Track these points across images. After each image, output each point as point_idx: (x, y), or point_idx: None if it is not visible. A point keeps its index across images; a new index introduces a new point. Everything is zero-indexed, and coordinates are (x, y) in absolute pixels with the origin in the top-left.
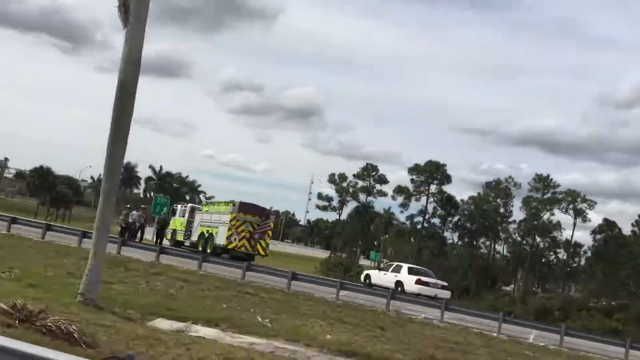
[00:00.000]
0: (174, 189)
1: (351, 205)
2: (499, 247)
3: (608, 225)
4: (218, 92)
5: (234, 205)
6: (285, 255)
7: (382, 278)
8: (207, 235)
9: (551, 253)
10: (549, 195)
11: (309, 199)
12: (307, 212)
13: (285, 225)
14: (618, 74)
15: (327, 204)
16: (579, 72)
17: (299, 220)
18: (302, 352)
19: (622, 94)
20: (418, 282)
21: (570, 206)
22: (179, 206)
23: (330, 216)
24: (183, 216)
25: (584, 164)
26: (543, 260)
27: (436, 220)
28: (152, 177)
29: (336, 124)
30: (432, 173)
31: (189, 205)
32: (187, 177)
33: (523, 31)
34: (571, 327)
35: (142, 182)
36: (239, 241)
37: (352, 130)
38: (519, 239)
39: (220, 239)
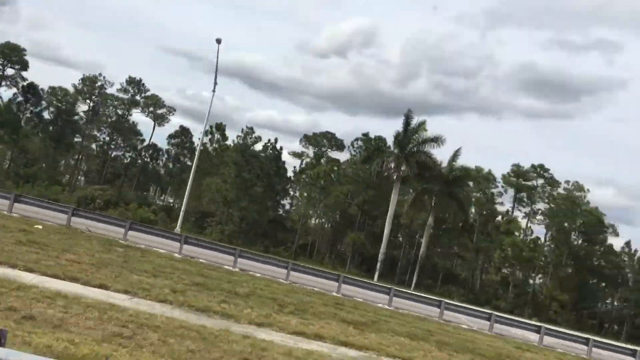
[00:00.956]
0: None
1: None
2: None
3: (183, 131)
4: None
5: None
6: None
7: None
8: None
9: (135, 154)
10: (136, 97)
11: None
12: None
13: None
14: (319, 24)
15: None
16: (289, 16)
17: None
18: None
19: (319, 43)
20: None
21: (151, 109)
22: None
23: None
24: None
25: (280, 102)
26: (127, 162)
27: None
28: None
29: (31, 19)
30: (7, 56)
31: None
32: None
33: None
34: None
35: None
36: None
37: (50, 30)
38: (107, 138)
39: None
